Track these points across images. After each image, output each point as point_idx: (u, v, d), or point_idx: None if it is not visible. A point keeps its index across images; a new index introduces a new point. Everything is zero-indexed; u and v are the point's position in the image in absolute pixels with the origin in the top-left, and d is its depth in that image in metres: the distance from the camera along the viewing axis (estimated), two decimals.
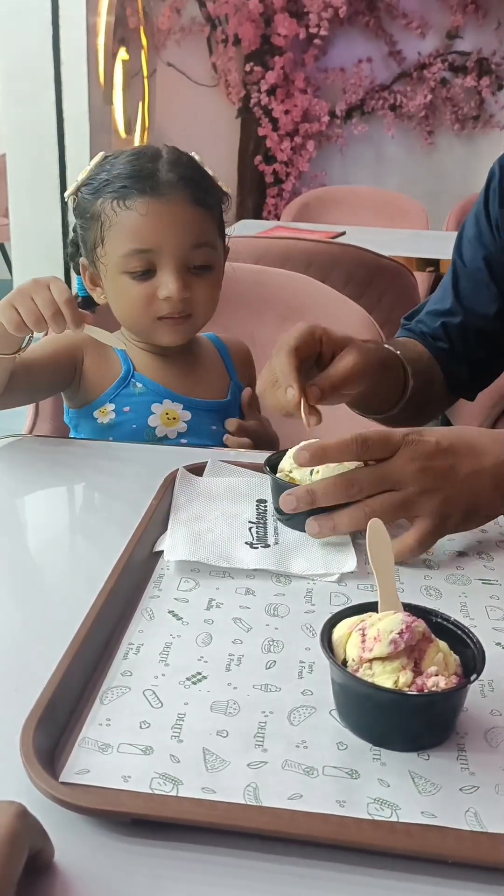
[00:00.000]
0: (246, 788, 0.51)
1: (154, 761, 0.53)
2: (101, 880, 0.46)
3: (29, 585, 0.77)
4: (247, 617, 0.70)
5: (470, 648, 0.59)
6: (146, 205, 1.02)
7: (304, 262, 1.87)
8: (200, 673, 0.62)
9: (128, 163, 1.05)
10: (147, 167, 1.04)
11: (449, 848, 0.48)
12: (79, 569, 0.80)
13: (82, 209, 1.08)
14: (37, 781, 0.49)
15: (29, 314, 0.91)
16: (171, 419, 1.13)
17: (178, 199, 1.03)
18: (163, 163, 1.05)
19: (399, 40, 4.75)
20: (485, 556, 0.82)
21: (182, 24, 4.79)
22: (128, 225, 1.03)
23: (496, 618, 0.72)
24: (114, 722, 0.56)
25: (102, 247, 1.06)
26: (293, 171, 4.98)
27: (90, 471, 1.00)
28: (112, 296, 1.10)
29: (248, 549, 0.80)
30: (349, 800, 0.51)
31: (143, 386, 1.13)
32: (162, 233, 1.03)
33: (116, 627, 0.67)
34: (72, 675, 0.59)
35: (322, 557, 0.79)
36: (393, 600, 0.63)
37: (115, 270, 1.06)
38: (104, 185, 1.05)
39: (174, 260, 1.04)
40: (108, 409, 1.12)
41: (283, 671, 0.63)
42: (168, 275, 1.04)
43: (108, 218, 1.04)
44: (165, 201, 1.03)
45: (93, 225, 1.07)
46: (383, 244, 2.17)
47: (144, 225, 1.03)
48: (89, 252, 1.10)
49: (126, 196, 1.03)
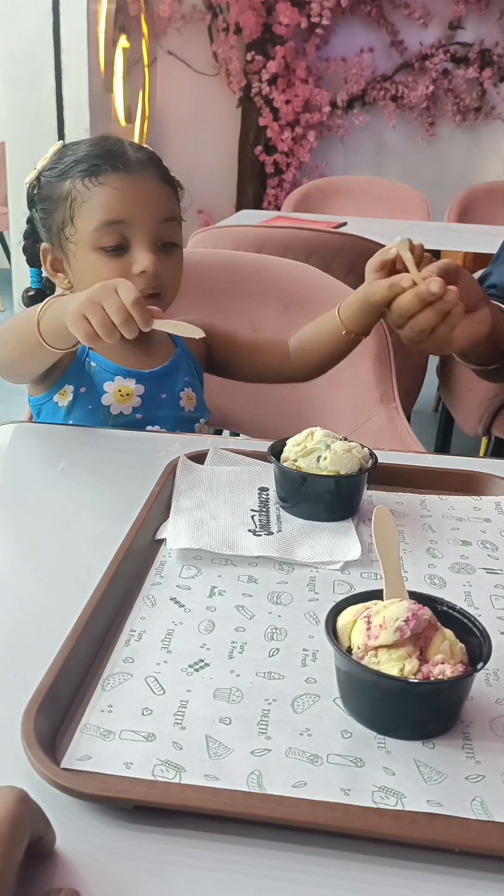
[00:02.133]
0: (249, 776, 0.51)
1: (156, 748, 0.52)
2: (103, 867, 0.46)
3: (30, 571, 0.76)
4: (249, 604, 0.69)
5: (476, 637, 0.58)
6: (119, 179, 1.04)
7: (306, 252, 1.86)
8: (203, 660, 0.61)
9: (94, 145, 1.08)
10: (115, 147, 1.08)
11: (455, 836, 0.48)
12: (80, 555, 0.79)
13: (46, 193, 1.10)
14: (38, 767, 0.49)
15: (102, 326, 0.86)
16: (125, 395, 1.11)
17: (147, 175, 1.07)
18: (127, 146, 1.09)
19: (401, 30, 4.72)
20: (489, 546, 0.82)
21: (183, 12, 4.76)
22: (101, 199, 1.04)
23: (501, 606, 0.71)
24: (115, 708, 0.56)
25: (72, 225, 1.06)
26: (294, 162, 4.96)
27: (90, 457, 0.99)
28: (81, 275, 1.08)
29: (252, 537, 0.79)
30: (354, 788, 0.50)
31: (97, 364, 1.12)
32: (134, 206, 1.05)
33: (118, 613, 0.67)
34: (73, 660, 0.58)
35: (326, 545, 0.79)
36: (398, 588, 0.63)
37: (86, 248, 1.06)
38: (72, 167, 1.07)
39: (146, 233, 1.05)
40: (68, 390, 1.11)
41: (286, 659, 0.62)
42: (141, 249, 1.05)
43: (80, 194, 1.05)
44: (137, 177, 1.05)
45: (60, 206, 1.07)
46: (384, 234, 2.15)
47: (117, 198, 1.04)
48: (54, 235, 1.09)
49: (98, 173, 1.04)
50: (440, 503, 0.90)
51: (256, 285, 1.47)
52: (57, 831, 0.46)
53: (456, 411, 2.26)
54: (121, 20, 4.17)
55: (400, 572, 0.64)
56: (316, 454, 0.83)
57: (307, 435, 0.85)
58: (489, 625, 0.60)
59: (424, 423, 2.87)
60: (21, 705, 0.53)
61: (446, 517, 0.87)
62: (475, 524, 0.86)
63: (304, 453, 0.84)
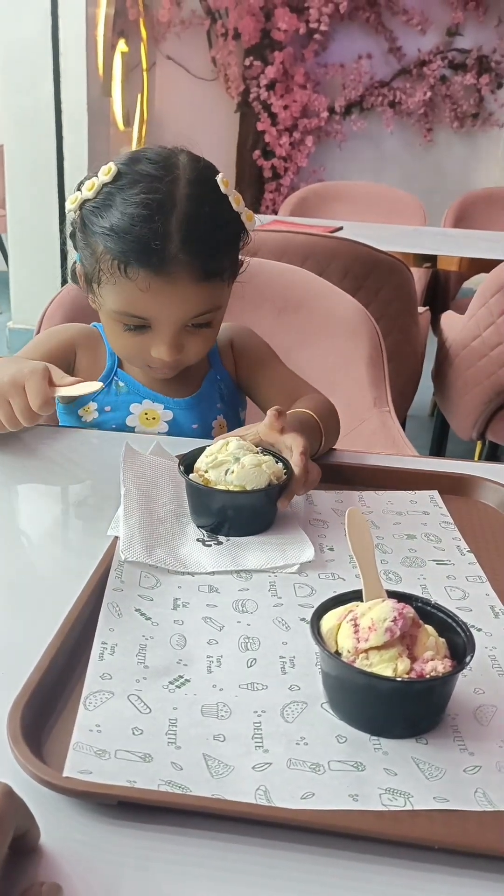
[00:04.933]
0: (256, 791, 0.50)
1: (157, 768, 0.51)
2: (88, 862, 0.46)
3: (17, 571, 0.76)
4: (216, 615, 0.69)
5: (453, 630, 0.59)
6: (147, 280, 0.93)
7: (302, 256, 1.86)
8: (182, 676, 0.61)
9: (135, 213, 0.91)
10: (155, 234, 0.91)
11: (471, 835, 0.48)
12: (68, 554, 0.79)
13: (82, 229, 0.99)
14: (23, 763, 0.49)
15: (8, 420, 0.92)
16: (151, 419, 1.10)
17: (183, 276, 0.93)
18: (174, 228, 0.92)
19: (399, 37, 4.74)
20: (433, 538, 0.84)
21: (182, 16, 4.77)
22: (125, 292, 0.95)
23: (457, 598, 0.73)
24: (104, 728, 0.54)
25: (98, 287, 0.99)
26: (291, 167, 4.97)
27: (81, 458, 0.99)
28: (104, 324, 1.06)
29: (202, 548, 0.78)
30: (361, 793, 0.51)
31: (125, 384, 1.10)
32: (160, 307, 0.95)
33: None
34: (59, 659, 0.59)
35: (278, 549, 0.79)
36: (377, 587, 0.63)
37: (108, 311, 1.00)
38: (106, 233, 0.93)
39: (170, 328, 0.97)
40: (91, 408, 1.10)
41: (265, 668, 0.62)
42: (161, 340, 0.98)
43: (105, 272, 0.95)
44: (169, 279, 0.93)
45: (92, 257, 0.98)
46: (381, 239, 2.17)
47: (142, 299, 0.94)
48: (86, 271, 1.01)
49: (128, 263, 0.93)
50: (378, 498, 0.91)
51: (251, 289, 1.47)
52: (41, 827, 0.46)
53: (450, 416, 2.27)
54: (120, 24, 4.17)
55: (377, 572, 0.65)
56: (225, 466, 0.81)
57: (221, 445, 0.83)
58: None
59: (419, 428, 2.87)
60: (7, 703, 0.53)
61: (387, 512, 0.88)
62: (415, 517, 0.87)
63: (214, 465, 0.81)
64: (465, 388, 2.13)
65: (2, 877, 0.41)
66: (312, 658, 0.63)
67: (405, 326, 2.07)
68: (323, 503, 0.89)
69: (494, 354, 2.01)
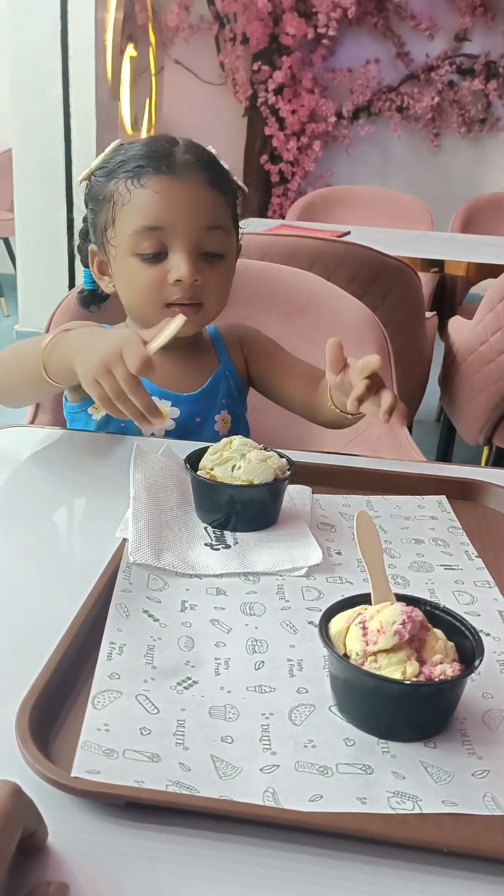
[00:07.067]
0: (265, 793, 0.50)
1: (164, 769, 0.51)
2: (94, 862, 0.46)
3: (26, 572, 0.76)
4: (224, 618, 0.69)
5: (462, 634, 0.59)
6: (160, 182, 1.00)
7: (310, 260, 1.87)
8: (190, 678, 0.61)
9: (144, 145, 1.04)
10: (164, 147, 1.02)
11: (479, 839, 0.48)
12: (76, 555, 0.80)
13: (95, 192, 1.06)
14: (32, 763, 0.49)
15: (115, 393, 0.86)
16: None
17: (193, 179, 1.01)
18: (179, 147, 1.03)
19: (407, 42, 4.75)
20: (440, 543, 0.84)
21: (190, 21, 4.78)
22: (140, 202, 1.00)
23: (465, 602, 0.73)
24: (113, 728, 0.55)
25: (113, 227, 1.03)
26: (299, 171, 4.98)
27: (87, 460, 1.00)
28: (120, 281, 1.07)
29: (210, 552, 0.78)
30: (369, 796, 0.51)
31: None
32: (175, 211, 1.00)
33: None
34: (68, 659, 0.59)
35: (286, 552, 0.79)
36: (385, 590, 0.63)
37: (124, 252, 1.02)
38: (119, 167, 1.03)
39: (186, 241, 1.00)
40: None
41: (273, 671, 0.62)
42: (179, 257, 1.00)
43: (122, 196, 1.01)
44: (181, 180, 1.00)
45: (105, 206, 1.04)
46: (388, 244, 2.17)
47: (157, 202, 1.00)
48: (99, 236, 1.06)
49: (140, 174, 1.00)
50: (385, 503, 0.91)
51: (259, 292, 1.47)
52: (49, 826, 0.46)
53: (457, 421, 2.26)
54: (128, 29, 4.19)
55: (385, 575, 0.65)
56: (231, 463, 0.82)
57: (226, 443, 0.84)
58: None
59: (426, 433, 2.87)
60: (16, 702, 0.53)
61: (395, 517, 0.89)
62: (422, 522, 0.88)
63: (219, 462, 0.83)
64: (472, 393, 2.12)
65: (9, 876, 0.41)
66: (320, 661, 0.63)
67: (412, 331, 2.07)
68: (331, 507, 0.89)
69: (501, 360, 2.01)
